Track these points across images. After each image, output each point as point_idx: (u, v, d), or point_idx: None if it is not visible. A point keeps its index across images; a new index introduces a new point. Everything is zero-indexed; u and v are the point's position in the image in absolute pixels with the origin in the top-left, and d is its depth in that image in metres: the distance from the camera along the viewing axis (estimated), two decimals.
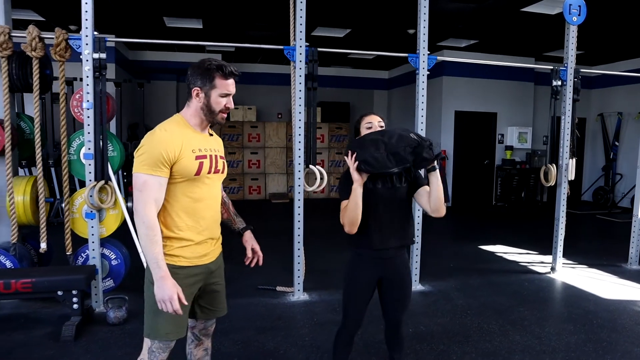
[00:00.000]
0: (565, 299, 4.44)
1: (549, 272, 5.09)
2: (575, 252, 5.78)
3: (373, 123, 2.30)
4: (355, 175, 2.09)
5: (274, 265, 5.01)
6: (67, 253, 3.91)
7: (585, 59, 9.16)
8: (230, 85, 1.90)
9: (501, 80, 9.28)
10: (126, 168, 6.07)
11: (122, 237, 4.20)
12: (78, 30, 7.72)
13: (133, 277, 4.07)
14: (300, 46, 3.94)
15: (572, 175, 4.99)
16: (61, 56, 3.66)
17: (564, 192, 4.98)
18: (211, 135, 2.04)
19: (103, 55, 3.61)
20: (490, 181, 9.77)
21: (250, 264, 2.18)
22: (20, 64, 3.75)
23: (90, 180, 3.68)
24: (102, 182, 3.70)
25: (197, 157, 1.87)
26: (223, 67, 1.86)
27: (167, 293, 1.75)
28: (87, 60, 3.58)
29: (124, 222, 4.00)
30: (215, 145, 2.02)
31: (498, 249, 6.23)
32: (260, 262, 2.19)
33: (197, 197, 1.90)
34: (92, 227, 3.75)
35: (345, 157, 2.14)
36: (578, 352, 3.22)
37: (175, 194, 1.87)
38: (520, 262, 5.61)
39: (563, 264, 5.15)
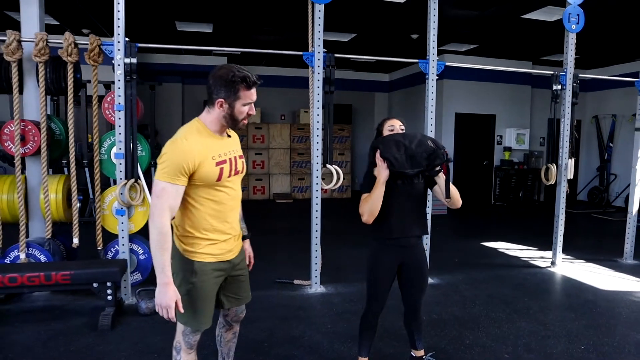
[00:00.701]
0: (566, 290, 4.71)
1: (550, 266, 5.36)
2: (573, 248, 6.05)
3: (395, 126, 2.57)
4: (386, 172, 2.35)
5: (284, 261, 5.27)
6: (98, 248, 4.12)
7: (581, 62, 9.45)
8: (253, 94, 1.97)
9: (500, 83, 9.59)
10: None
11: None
12: (91, 33, 7.93)
13: None
14: (319, 52, 4.18)
15: (571, 174, 5.26)
16: (95, 61, 3.88)
17: (563, 190, 5.25)
18: (229, 136, 2.11)
19: (134, 60, 3.82)
20: (489, 181, 10.06)
21: None
22: (54, 68, 3.97)
23: (120, 179, 3.90)
24: (132, 180, 3.92)
25: (218, 164, 1.96)
26: (247, 79, 1.92)
27: (167, 301, 1.85)
28: (119, 65, 3.79)
29: None
30: (233, 146, 2.11)
31: (500, 245, 6.50)
32: (250, 269, 2.38)
33: (220, 200, 2.02)
34: (122, 223, 3.96)
35: (377, 156, 2.39)
36: (580, 337, 3.48)
37: (200, 198, 1.98)
38: (522, 257, 5.88)
39: (562, 258, 5.42)
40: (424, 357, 2.84)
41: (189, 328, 2.10)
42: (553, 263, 5.35)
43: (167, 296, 1.86)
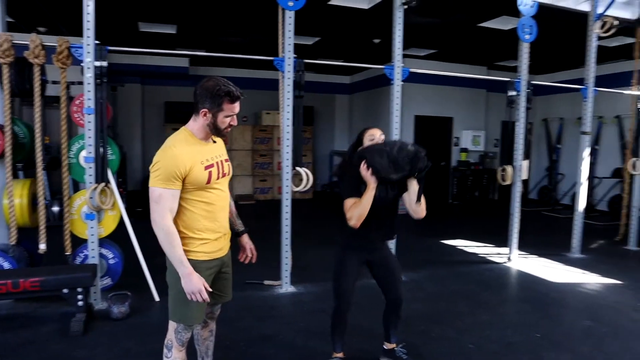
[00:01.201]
0: (521, 284, 5.04)
1: (506, 262, 5.69)
2: (526, 244, 6.40)
3: (375, 135, 2.72)
4: (373, 179, 2.48)
5: (251, 262, 5.31)
6: (67, 253, 4.05)
7: (531, 68, 9.92)
8: (235, 107, 2.12)
9: (457, 87, 9.99)
10: None
11: (117, 238, 4.36)
12: (47, 32, 7.67)
13: (129, 275, 4.25)
14: (289, 57, 4.28)
15: (525, 175, 5.62)
16: (63, 63, 3.82)
17: (518, 190, 5.59)
18: (214, 142, 2.25)
19: (104, 63, 3.80)
20: (447, 181, 10.46)
21: (245, 260, 2.55)
22: (18, 70, 3.87)
23: (90, 183, 3.86)
24: (103, 184, 3.88)
25: (206, 167, 2.11)
26: (231, 93, 2.07)
27: (196, 286, 2.05)
28: (88, 68, 3.76)
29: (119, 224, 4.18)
30: (219, 150, 2.26)
31: (458, 242, 6.81)
32: (254, 260, 2.56)
33: (211, 202, 2.16)
34: (92, 227, 3.92)
35: (362, 167, 2.52)
36: (535, 326, 3.77)
37: (191, 200, 2.11)
38: (480, 254, 6.20)
39: (518, 254, 5.77)
40: (395, 348, 3.01)
41: (182, 325, 2.20)
42: (509, 259, 5.69)
43: (194, 283, 2.05)
